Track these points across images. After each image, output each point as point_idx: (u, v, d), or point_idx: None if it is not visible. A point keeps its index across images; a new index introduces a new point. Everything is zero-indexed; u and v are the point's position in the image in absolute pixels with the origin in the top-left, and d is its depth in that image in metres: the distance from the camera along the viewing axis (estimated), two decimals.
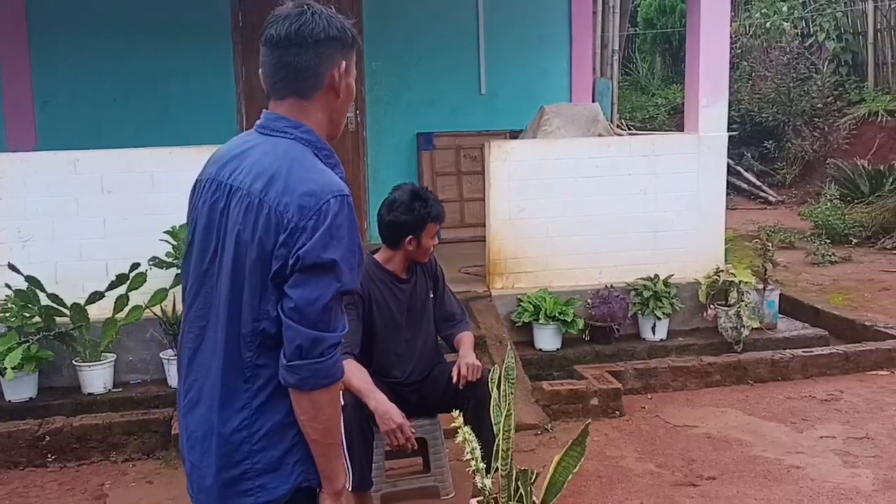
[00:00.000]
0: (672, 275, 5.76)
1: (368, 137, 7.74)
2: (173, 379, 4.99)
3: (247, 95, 7.50)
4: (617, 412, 4.80)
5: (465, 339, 3.76)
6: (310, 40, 1.85)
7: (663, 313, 5.63)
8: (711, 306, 5.73)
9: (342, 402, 3.50)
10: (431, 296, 3.81)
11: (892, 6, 12.68)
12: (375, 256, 3.75)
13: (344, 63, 1.88)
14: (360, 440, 3.47)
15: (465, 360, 3.60)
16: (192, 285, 1.92)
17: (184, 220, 5.14)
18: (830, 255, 8.61)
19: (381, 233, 3.70)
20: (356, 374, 3.40)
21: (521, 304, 5.56)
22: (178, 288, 5.00)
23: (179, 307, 5.01)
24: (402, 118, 7.77)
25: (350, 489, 3.54)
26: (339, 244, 1.74)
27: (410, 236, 3.61)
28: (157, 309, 4.97)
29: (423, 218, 3.59)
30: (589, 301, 5.62)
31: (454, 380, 3.57)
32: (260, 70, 1.98)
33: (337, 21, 1.87)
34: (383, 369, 3.64)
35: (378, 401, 3.39)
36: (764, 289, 5.86)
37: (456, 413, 3.08)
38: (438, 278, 3.86)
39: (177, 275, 5.00)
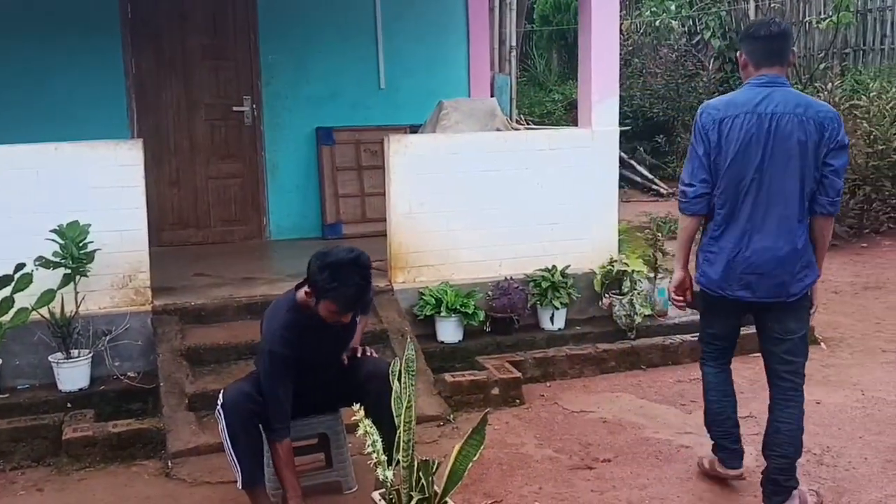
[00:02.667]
0: (569, 265, 5.91)
1: (266, 132, 7.63)
2: (63, 383, 4.82)
3: (137, 89, 7.26)
4: (517, 401, 4.90)
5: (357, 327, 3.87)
6: (788, 32, 3.48)
7: (561, 303, 5.78)
8: (606, 295, 5.92)
9: (220, 401, 3.53)
10: (357, 318, 3.79)
11: (773, 6, 13.33)
12: (300, 299, 3.53)
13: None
14: (244, 436, 3.46)
15: (354, 344, 3.82)
16: (750, 175, 3.38)
17: (72, 218, 4.97)
18: None
19: None
20: (290, 465, 3.50)
21: (423, 297, 5.61)
22: (67, 288, 4.85)
23: (69, 308, 4.87)
24: (301, 113, 7.69)
25: (240, 487, 3.52)
26: (846, 134, 3.43)
27: (311, 291, 3.46)
28: (44, 311, 4.78)
29: (322, 289, 3.38)
30: (489, 293, 5.71)
31: (345, 362, 3.74)
32: (740, 54, 3.53)
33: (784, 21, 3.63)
34: (305, 379, 3.59)
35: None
36: (655, 277, 6.09)
37: (357, 407, 3.10)
38: (369, 286, 3.80)
39: (65, 274, 4.83)
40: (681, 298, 3.81)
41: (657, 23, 14.30)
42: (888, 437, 4.33)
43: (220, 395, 3.53)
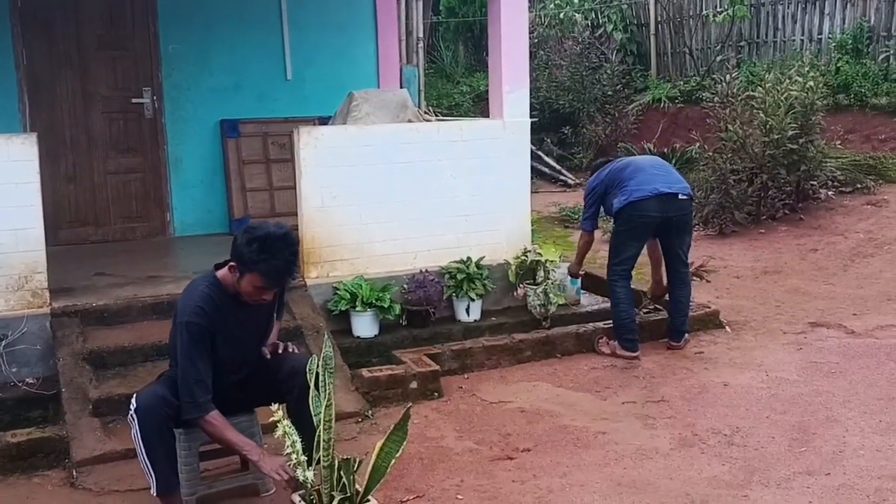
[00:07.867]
0: (483, 257, 5.93)
1: (168, 125, 7.37)
2: None
3: (28, 81, 6.89)
4: (436, 394, 4.88)
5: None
6: None
7: (476, 294, 5.78)
8: (521, 285, 5.95)
9: (133, 405, 3.37)
10: (276, 305, 3.71)
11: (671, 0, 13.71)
12: (221, 276, 3.44)
13: None
14: (159, 442, 3.31)
15: (272, 341, 3.73)
16: None
17: None
18: None
19: None
20: (229, 428, 3.36)
21: (338, 292, 5.52)
22: None
23: None
24: (204, 105, 7.45)
25: (155, 494, 3.38)
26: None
27: (235, 265, 3.35)
28: None
29: (250, 261, 3.28)
30: (405, 286, 5.67)
31: (267, 356, 3.65)
32: None
33: None
34: (221, 374, 3.46)
35: (262, 454, 3.34)
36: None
37: (275, 407, 3.01)
38: (284, 290, 3.75)
39: None
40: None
41: (561, 15, 14.48)
42: (792, 416, 4.50)
43: (133, 400, 3.37)
